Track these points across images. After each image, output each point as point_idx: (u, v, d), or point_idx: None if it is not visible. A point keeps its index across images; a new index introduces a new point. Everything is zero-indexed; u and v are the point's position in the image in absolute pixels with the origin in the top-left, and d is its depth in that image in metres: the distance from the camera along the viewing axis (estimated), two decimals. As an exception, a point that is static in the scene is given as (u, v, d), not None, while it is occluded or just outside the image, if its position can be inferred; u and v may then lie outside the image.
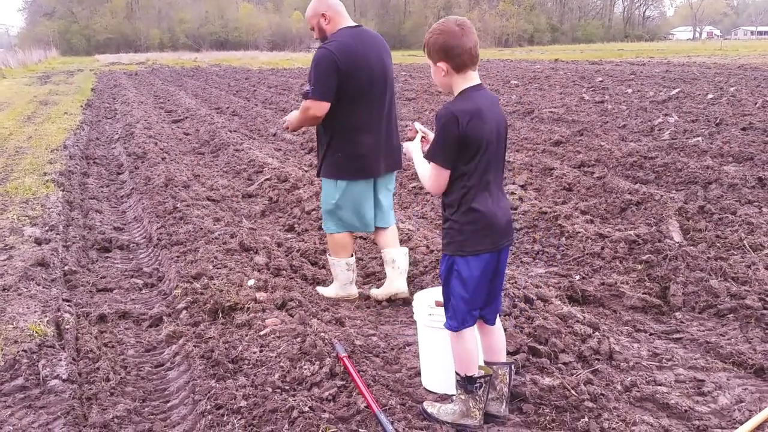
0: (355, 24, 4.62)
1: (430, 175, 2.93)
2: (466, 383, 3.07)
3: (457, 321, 3.03)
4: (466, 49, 2.82)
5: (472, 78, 2.90)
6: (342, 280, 4.86)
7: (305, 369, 3.49)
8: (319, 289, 5.05)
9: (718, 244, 5.53)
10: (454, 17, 2.91)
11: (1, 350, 3.76)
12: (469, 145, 2.82)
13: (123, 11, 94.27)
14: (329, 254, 4.95)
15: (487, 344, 3.21)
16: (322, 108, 4.38)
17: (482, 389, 3.08)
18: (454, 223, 2.96)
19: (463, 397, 3.10)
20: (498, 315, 3.23)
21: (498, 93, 18.46)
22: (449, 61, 2.83)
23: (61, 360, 3.67)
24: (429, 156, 2.90)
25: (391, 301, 4.84)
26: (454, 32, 2.81)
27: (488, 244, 2.95)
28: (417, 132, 3.24)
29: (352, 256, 4.86)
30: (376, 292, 4.90)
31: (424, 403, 3.30)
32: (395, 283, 4.79)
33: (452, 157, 2.84)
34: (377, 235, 4.91)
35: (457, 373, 3.11)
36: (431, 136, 3.12)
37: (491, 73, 27.09)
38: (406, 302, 4.78)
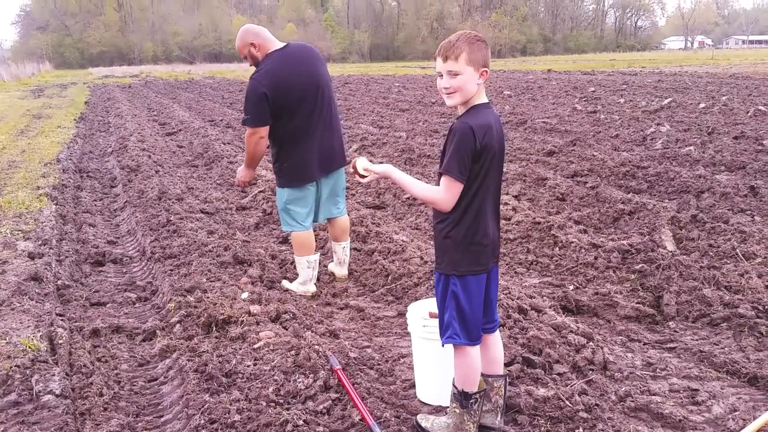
0: (281, 45, 5.05)
1: (443, 188, 2.86)
2: (462, 398, 3.06)
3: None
4: None
5: (484, 93, 2.98)
6: (303, 277, 5.35)
7: (299, 382, 3.48)
8: (284, 282, 5.47)
9: (711, 253, 5.55)
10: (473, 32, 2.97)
11: (-6, 366, 3.75)
12: (480, 161, 2.84)
13: (116, 24, 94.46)
14: (294, 254, 5.41)
15: (485, 356, 3.20)
16: (260, 131, 4.97)
17: (477, 404, 3.07)
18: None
19: (457, 410, 3.09)
20: (498, 328, 3.23)
21: (491, 103, 18.49)
22: (488, 67, 2.89)
23: (54, 375, 3.65)
24: (445, 169, 2.83)
25: (327, 274, 5.77)
26: (488, 43, 2.90)
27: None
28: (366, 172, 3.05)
29: (314, 254, 5.34)
30: (329, 266, 5.82)
31: (418, 417, 3.30)
32: (336, 269, 5.72)
33: (468, 171, 2.83)
34: (329, 226, 5.61)
35: (454, 386, 3.10)
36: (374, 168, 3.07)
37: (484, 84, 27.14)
38: (401, 314, 4.79)
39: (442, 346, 3.08)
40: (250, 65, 5.12)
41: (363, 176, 3.01)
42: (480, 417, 3.12)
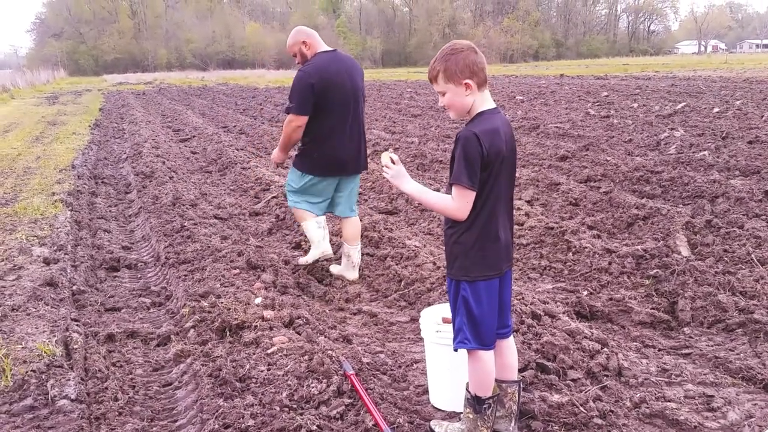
0: (330, 49, 5.42)
1: (455, 198, 2.84)
2: (475, 403, 3.05)
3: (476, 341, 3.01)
4: (485, 65, 2.87)
5: (488, 99, 2.93)
6: (315, 238, 5.61)
7: (313, 387, 3.49)
8: (301, 260, 5.80)
9: (725, 259, 5.52)
10: (459, 40, 2.95)
11: (11, 370, 3.78)
12: (489, 166, 2.82)
13: (130, 31, 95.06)
14: (300, 224, 5.71)
15: (498, 361, 3.19)
16: (302, 120, 5.25)
17: (490, 409, 3.06)
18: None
19: (471, 416, 3.08)
20: (511, 333, 3.22)
21: (503, 109, 18.48)
22: (474, 77, 2.84)
23: (69, 380, 3.68)
24: (455, 178, 2.81)
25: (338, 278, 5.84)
26: (470, 49, 2.85)
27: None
28: (394, 163, 3.03)
29: (319, 215, 5.60)
30: (333, 269, 5.90)
31: (432, 423, 3.29)
32: (347, 273, 5.81)
33: (478, 178, 2.80)
34: (342, 227, 5.79)
35: (467, 391, 3.10)
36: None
37: (496, 89, 27.17)
38: (414, 319, 4.79)
39: (455, 350, 3.07)
40: (297, 63, 5.43)
41: (388, 167, 3.00)
42: (494, 422, 3.11)
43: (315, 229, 5.59)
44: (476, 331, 2.97)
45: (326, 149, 5.36)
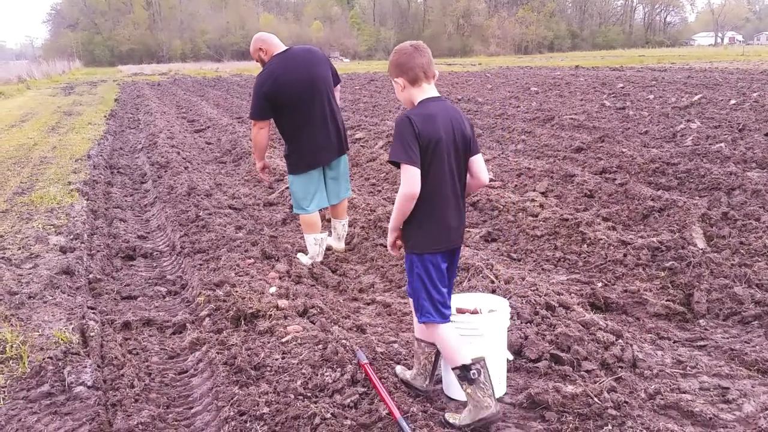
0: (284, 48, 5.67)
1: (401, 177, 3.07)
2: (464, 373, 3.15)
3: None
4: (417, 65, 3.15)
5: (428, 91, 3.20)
6: (311, 253, 5.90)
7: (327, 376, 3.50)
8: (299, 255, 5.95)
9: (742, 251, 5.47)
10: (411, 41, 3.30)
11: (28, 357, 3.82)
12: (424, 146, 3.05)
13: (145, 22, 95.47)
14: (304, 234, 5.96)
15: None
16: (262, 124, 5.60)
17: (481, 374, 3.15)
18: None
19: (469, 390, 3.15)
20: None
21: (518, 100, 18.39)
22: (403, 75, 3.18)
23: (86, 367, 3.71)
24: (394, 156, 3.06)
25: (329, 249, 6.25)
26: (406, 51, 3.18)
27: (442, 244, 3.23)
28: None
29: (320, 233, 5.88)
30: (328, 241, 6.27)
31: (445, 414, 3.30)
32: (334, 244, 6.29)
33: (417, 155, 3.03)
34: (331, 208, 6.17)
35: (453, 369, 3.21)
36: None
37: (511, 80, 27.05)
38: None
39: (420, 323, 3.31)
40: (263, 67, 5.68)
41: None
42: (492, 389, 3.18)
43: (312, 245, 5.86)
44: (433, 305, 3.20)
45: (300, 145, 5.63)
